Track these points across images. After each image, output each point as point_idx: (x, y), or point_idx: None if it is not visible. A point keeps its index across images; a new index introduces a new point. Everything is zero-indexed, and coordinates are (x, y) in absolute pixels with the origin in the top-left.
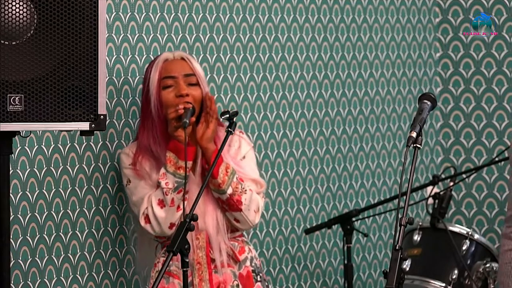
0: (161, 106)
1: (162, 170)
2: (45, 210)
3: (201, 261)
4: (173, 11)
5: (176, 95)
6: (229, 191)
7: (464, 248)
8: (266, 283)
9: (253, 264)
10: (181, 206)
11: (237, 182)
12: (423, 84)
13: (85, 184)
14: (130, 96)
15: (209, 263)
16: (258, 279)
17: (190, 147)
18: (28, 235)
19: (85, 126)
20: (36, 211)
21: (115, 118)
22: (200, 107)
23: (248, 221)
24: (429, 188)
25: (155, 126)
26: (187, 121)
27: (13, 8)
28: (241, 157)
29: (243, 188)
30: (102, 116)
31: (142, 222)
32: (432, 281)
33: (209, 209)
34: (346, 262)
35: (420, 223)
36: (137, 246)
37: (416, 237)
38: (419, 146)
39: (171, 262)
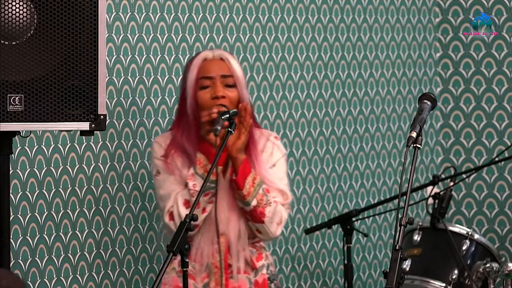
0: (197, 106)
1: (191, 171)
2: (45, 210)
3: (218, 266)
4: (173, 11)
5: (212, 97)
6: (254, 203)
7: (464, 248)
8: None
9: (268, 272)
10: (207, 209)
11: (263, 193)
12: (423, 84)
13: (85, 184)
14: (130, 96)
15: (226, 268)
16: (272, 286)
17: (222, 152)
18: (28, 235)
19: (85, 126)
20: (36, 211)
21: (115, 118)
22: (236, 109)
23: (269, 233)
24: (429, 188)
25: (190, 125)
26: (219, 127)
27: (13, 8)
28: (271, 165)
29: (268, 200)
30: (102, 116)
31: (166, 218)
32: (432, 281)
33: (234, 215)
34: (346, 262)
35: (420, 223)
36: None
37: (416, 237)
38: (419, 146)
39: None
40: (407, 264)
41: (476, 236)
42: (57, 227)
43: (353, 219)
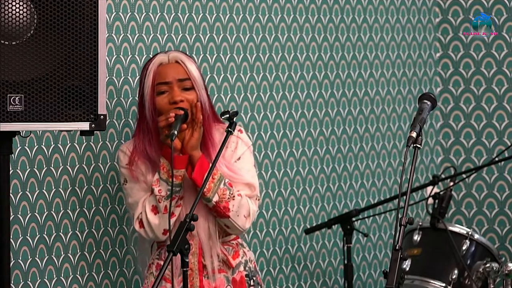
0: (155, 112)
1: (156, 176)
2: (45, 210)
3: (192, 267)
4: (173, 11)
5: (170, 102)
6: (215, 198)
7: (464, 248)
8: (259, 287)
9: (247, 268)
10: (176, 213)
11: (225, 188)
12: (423, 84)
13: (85, 184)
14: (130, 96)
15: (201, 269)
16: (251, 283)
17: (184, 155)
18: (28, 235)
19: (85, 126)
20: (36, 211)
21: (115, 118)
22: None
23: (237, 226)
24: (429, 188)
25: (150, 130)
26: (175, 132)
27: (13, 8)
28: (236, 159)
29: (231, 194)
30: (102, 116)
31: (137, 226)
32: (432, 281)
33: (201, 215)
34: (346, 262)
35: (420, 223)
36: (137, 246)
37: (416, 237)
38: (419, 146)
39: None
40: (407, 264)
41: (476, 236)
42: (57, 227)
43: (353, 219)
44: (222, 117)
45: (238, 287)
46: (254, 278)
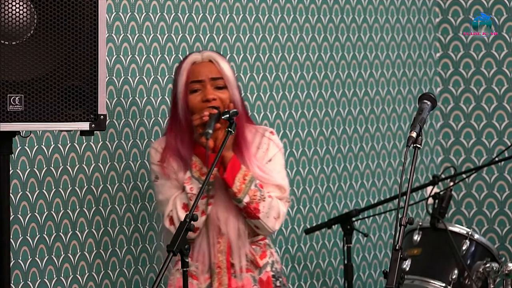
0: (188, 110)
1: (188, 174)
2: (45, 210)
3: (221, 265)
4: (173, 11)
5: (203, 100)
6: (246, 199)
7: (464, 248)
8: None
9: (273, 269)
10: (206, 211)
11: (256, 189)
12: (423, 84)
13: (85, 184)
14: (130, 96)
15: (229, 268)
16: (278, 284)
17: (215, 153)
18: (28, 235)
19: (85, 126)
20: (36, 211)
21: (115, 118)
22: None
23: (267, 227)
24: (429, 188)
25: (183, 129)
26: (210, 131)
27: (13, 8)
28: (267, 160)
29: (262, 195)
30: (102, 116)
31: (167, 223)
32: (432, 281)
33: (232, 214)
34: (346, 262)
35: (420, 223)
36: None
37: (416, 237)
38: (419, 146)
39: (190, 262)
40: (407, 264)
41: (476, 236)
42: (57, 227)
43: (353, 219)
44: (222, 117)
45: (265, 287)
46: (280, 279)
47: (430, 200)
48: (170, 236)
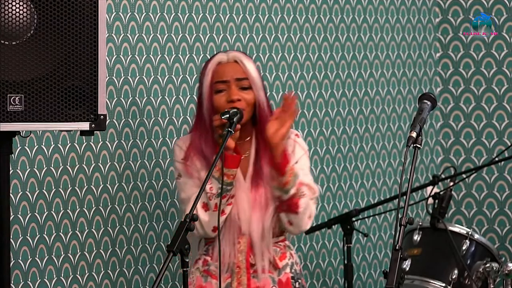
0: (213, 110)
1: None
2: (45, 210)
3: (240, 265)
4: (173, 11)
5: (228, 100)
6: (292, 191)
7: (464, 248)
8: None
9: (293, 270)
10: (226, 211)
11: (299, 185)
12: (423, 84)
13: (85, 184)
14: (130, 96)
15: (248, 268)
16: (297, 286)
17: (237, 155)
18: (28, 235)
19: (85, 126)
20: (36, 211)
21: (115, 118)
22: (252, 111)
23: (301, 225)
24: (429, 188)
25: (207, 128)
26: (232, 130)
27: (13, 8)
28: (294, 162)
29: (303, 192)
30: (102, 116)
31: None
32: (432, 281)
33: (256, 215)
34: (346, 262)
35: (420, 223)
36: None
37: (416, 237)
38: (419, 146)
39: (210, 262)
40: (407, 264)
41: (476, 236)
42: (57, 227)
43: (353, 219)
44: (222, 117)
45: None
46: (299, 281)
47: (430, 200)
48: (191, 235)
